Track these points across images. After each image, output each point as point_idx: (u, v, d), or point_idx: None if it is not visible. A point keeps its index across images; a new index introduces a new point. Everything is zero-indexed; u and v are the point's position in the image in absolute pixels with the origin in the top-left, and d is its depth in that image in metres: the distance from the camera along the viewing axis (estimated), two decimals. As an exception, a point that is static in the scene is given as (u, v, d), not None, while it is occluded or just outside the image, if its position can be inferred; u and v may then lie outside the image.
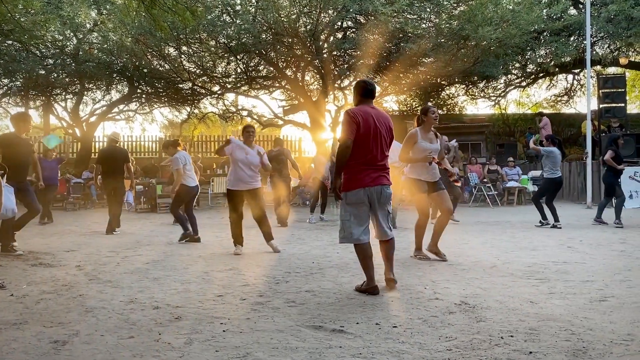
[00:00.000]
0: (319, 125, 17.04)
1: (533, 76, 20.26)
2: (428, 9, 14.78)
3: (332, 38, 16.10)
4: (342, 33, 16.46)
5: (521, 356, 2.68)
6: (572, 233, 7.82)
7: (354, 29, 15.78)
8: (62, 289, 4.30)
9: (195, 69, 16.97)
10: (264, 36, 14.83)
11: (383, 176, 4.14)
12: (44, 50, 16.06)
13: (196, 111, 20.43)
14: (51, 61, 16.61)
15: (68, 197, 14.21)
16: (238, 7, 14.80)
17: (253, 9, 14.52)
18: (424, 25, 15.26)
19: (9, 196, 5.42)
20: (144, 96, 19.59)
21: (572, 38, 16.93)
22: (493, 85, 20.24)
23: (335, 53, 16.30)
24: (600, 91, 13.40)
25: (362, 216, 4.11)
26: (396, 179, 6.10)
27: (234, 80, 17.96)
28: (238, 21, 14.35)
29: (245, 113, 20.63)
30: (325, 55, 15.59)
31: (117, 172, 8.45)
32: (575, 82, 20.91)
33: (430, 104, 6.21)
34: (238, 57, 16.26)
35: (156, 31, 12.77)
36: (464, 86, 20.15)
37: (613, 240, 7.05)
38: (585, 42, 13.71)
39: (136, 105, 20.84)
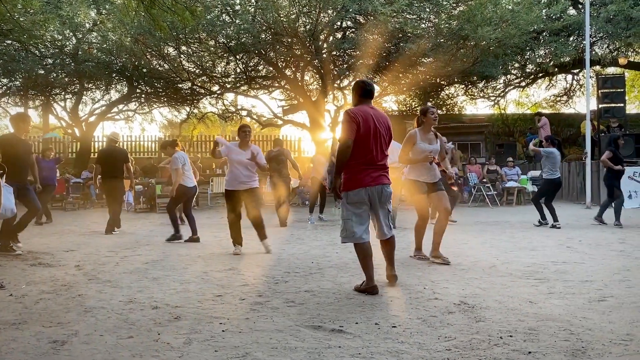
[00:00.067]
0: (319, 125, 17.04)
1: (532, 76, 20.27)
2: (427, 9, 14.77)
3: (332, 38, 16.09)
4: (342, 33, 16.45)
5: (520, 356, 2.68)
6: (571, 233, 7.82)
7: (354, 29, 15.78)
8: (61, 289, 4.30)
9: (194, 69, 16.96)
10: (264, 36, 14.83)
11: (383, 175, 4.18)
12: (43, 49, 16.05)
13: (195, 111, 20.42)
14: (50, 61, 16.61)
15: (67, 197, 14.21)
16: (237, 7, 14.79)
17: (252, 9, 14.52)
18: (424, 25, 15.26)
19: (8, 196, 5.42)
20: (143, 96, 19.58)
21: (572, 38, 16.95)
22: (492, 85, 20.23)
23: (334, 53, 16.30)
24: (599, 91, 13.39)
25: (363, 215, 4.13)
26: (396, 180, 6.09)
27: (234, 80, 17.95)
28: (237, 21, 14.34)
29: (244, 113, 20.63)
30: (324, 55, 15.58)
31: (117, 172, 8.45)
32: (574, 82, 20.95)
33: (429, 104, 6.19)
34: (237, 57, 16.25)
35: (155, 31, 12.78)
36: (464, 86, 20.14)
37: (612, 240, 7.05)
38: (584, 42, 13.70)
39: (135, 105, 20.83)
